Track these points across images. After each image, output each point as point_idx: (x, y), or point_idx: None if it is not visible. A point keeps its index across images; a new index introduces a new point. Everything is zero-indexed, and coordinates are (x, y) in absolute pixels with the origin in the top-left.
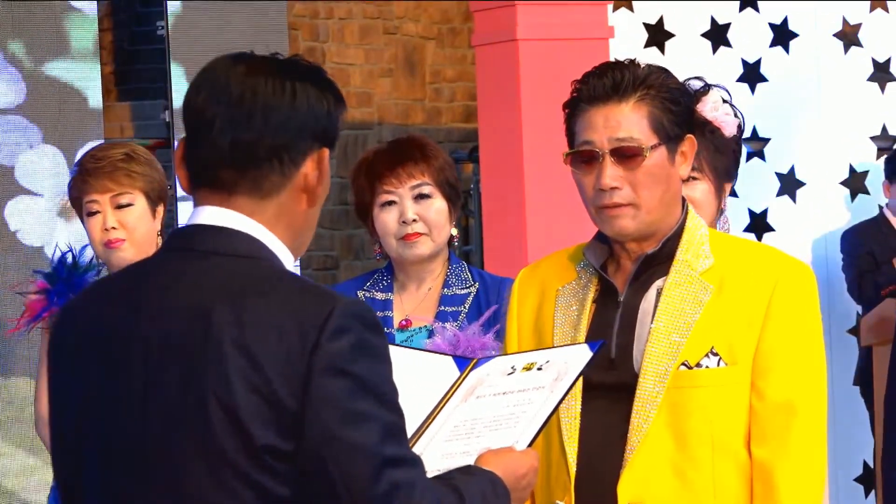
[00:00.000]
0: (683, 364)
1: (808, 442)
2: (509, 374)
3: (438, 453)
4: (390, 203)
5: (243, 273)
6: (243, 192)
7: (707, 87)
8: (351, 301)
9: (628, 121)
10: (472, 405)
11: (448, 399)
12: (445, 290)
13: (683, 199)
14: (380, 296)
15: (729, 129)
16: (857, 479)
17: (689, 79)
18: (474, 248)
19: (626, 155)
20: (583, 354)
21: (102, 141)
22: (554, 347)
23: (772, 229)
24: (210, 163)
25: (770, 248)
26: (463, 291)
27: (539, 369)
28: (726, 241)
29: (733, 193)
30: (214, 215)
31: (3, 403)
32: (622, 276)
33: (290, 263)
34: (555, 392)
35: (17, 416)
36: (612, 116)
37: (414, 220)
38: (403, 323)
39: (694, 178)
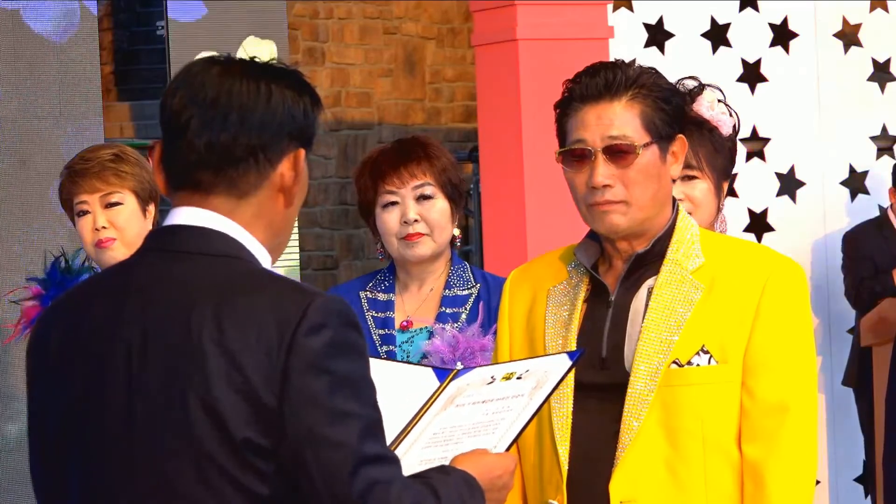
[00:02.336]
0: (674, 362)
1: (799, 440)
2: (489, 383)
3: (416, 459)
4: (392, 203)
5: (222, 272)
6: (221, 193)
7: (701, 87)
8: (329, 297)
9: (621, 119)
10: (452, 413)
11: (427, 408)
12: (447, 290)
13: (674, 199)
14: (381, 296)
15: (725, 129)
16: (857, 479)
17: (684, 78)
18: (474, 248)
19: (619, 153)
20: (562, 364)
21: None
22: (534, 358)
23: (771, 229)
24: (187, 164)
25: (760, 246)
26: (464, 292)
27: (519, 378)
28: (717, 240)
29: (733, 193)
30: (192, 215)
31: (4, 403)
32: (613, 275)
33: (267, 263)
34: (533, 400)
35: (16, 417)
36: (605, 115)
37: (415, 221)
38: (404, 324)
39: (694, 177)
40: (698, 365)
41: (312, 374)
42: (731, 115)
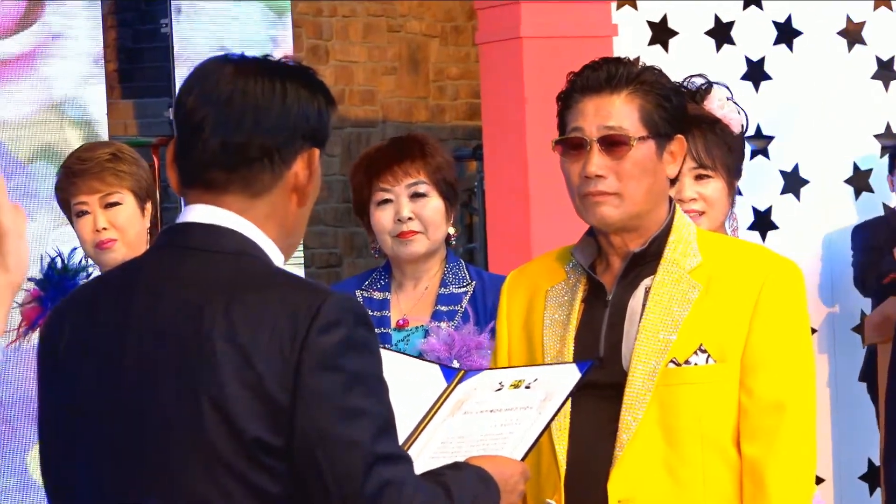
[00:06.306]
0: (672, 361)
1: (797, 439)
2: (497, 389)
3: (424, 470)
4: (386, 201)
5: (234, 269)
6: (235, 192)
7: (709, 85)
8: (341, 296)
9: (618, 112)
10: (460, 421)
11: (435, 412)
12: (442, 289)
13: (671, 199)
14: (377, 295)
15: (735, 127)
16: (862, 477)
17: (691, 76)
18: (478, 247)
19: (613, 143)
20: (572, 375)
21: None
22: (542, 365)
23: (776, 227)
24: (201, 163)
25: (758, 246)
26: (460, 290)
27: (527, 387)
28: (714, 239)
29: (737, 191)
30: (205, 213)
31: (13, 406)
32: (610, 274)
33: (280, 262)
34: (543, 413)
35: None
36: (604, 106)
37: (409, 219)
38: (400, 322)
39: (708, 177)
40: (696, 364)
41: (326, 371)
42: (739, 112)
